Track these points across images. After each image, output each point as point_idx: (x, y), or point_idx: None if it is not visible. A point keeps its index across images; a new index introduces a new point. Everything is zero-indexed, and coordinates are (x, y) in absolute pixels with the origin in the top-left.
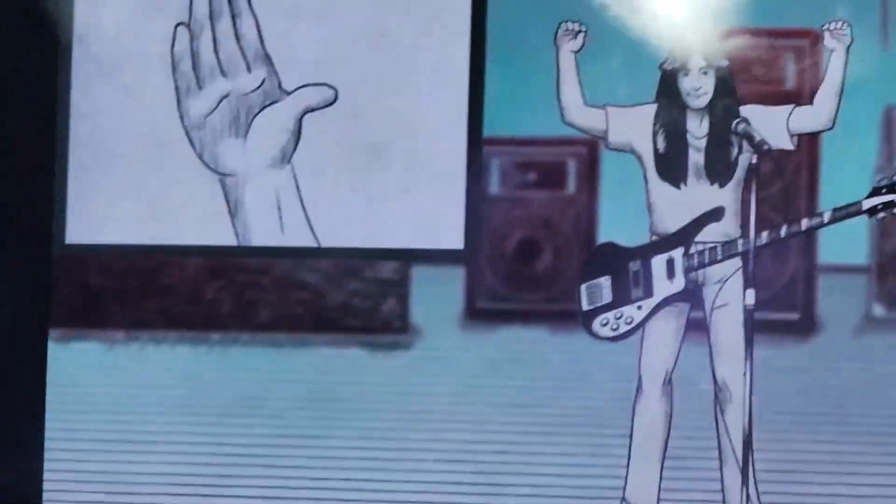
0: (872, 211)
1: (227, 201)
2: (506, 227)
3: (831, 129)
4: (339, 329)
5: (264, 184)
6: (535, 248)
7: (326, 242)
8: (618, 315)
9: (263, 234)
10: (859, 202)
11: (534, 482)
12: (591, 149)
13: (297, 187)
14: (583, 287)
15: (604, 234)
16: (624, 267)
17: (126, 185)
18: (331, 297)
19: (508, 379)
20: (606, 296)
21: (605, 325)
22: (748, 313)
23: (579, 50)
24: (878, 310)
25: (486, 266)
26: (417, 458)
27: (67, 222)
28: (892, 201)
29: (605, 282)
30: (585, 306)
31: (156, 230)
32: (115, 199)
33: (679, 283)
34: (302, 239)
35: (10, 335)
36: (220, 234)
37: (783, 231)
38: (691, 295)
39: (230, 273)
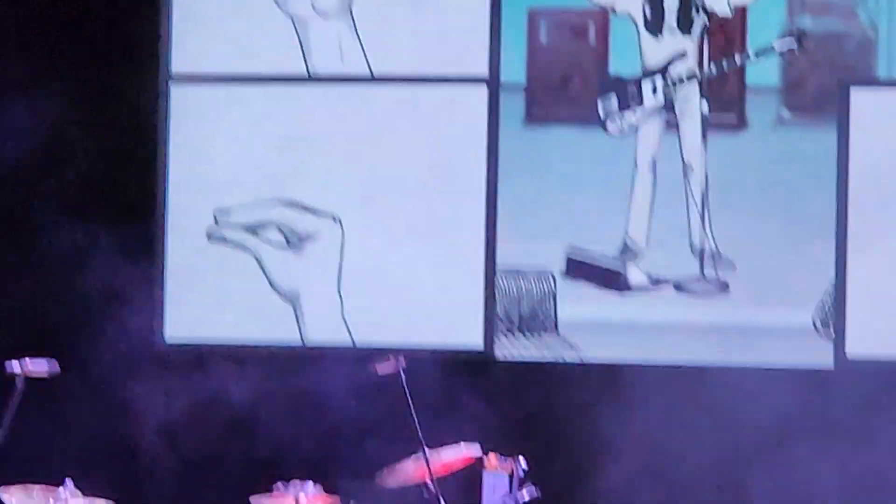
0: (781, 50)
1: (300, 41)
2: (551, 65)
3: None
4: None
5: (329, 26)
6: (569, 78)
7: (379, 73)
8: (622, 118)
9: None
10: (772, 45)
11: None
12: (604, 15)
13: (356, 29)
14: (599, 101)
15: (612, 68)
16: (625, 89)
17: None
18: None
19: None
20: (614, 107)
21: (614, 124)
22: (703, 117)
23: None
24: (786, 114)
25: (539, 90)
26: None
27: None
28: (792, 49)
29: (613, 98)
30: (602, 114)
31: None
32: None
33: (660, 99)
34: (359, 70)
35: None
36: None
37: (725, 65)
38: (668, 106)
39: None
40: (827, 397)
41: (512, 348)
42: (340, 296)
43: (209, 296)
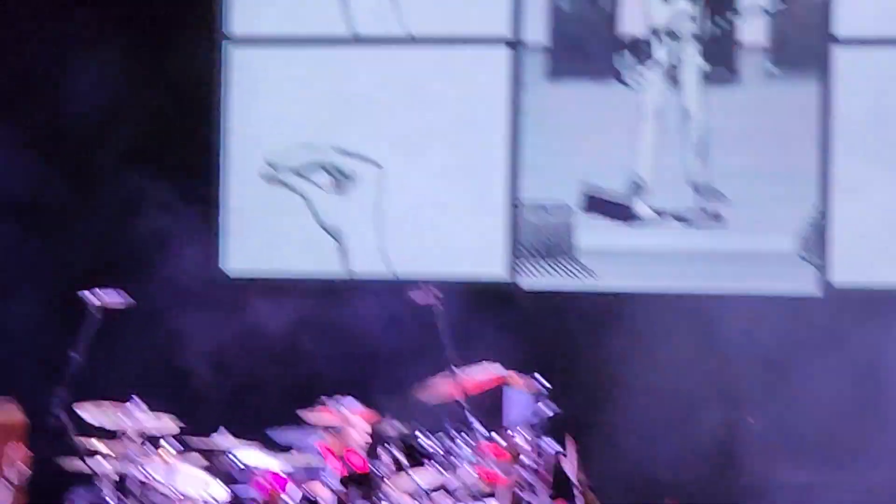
0: None
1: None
2: (571, 26)
3: None
4: None
5: None
6: (587, 38)
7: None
8: (634, 73)
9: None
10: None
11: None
12: None
13: None
14: (614, 58)
15: (625, 28)
16: (637, 47)
17: None
18: None
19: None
20: (628, 63)
21: (630, 80)
22: (701, 71)
23: None
24: (773, 69)
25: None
26: None
27: None
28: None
29: (630, 55)
30: (616, 70)
31: None
32: None
33: (666, 55)
34: (398, 32)
35: None
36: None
37: (721, 24)
38: (672, 61)
39: None
40: (814, 323)
41: (534, 277)
42: (380, 232)
43: (263, 233)
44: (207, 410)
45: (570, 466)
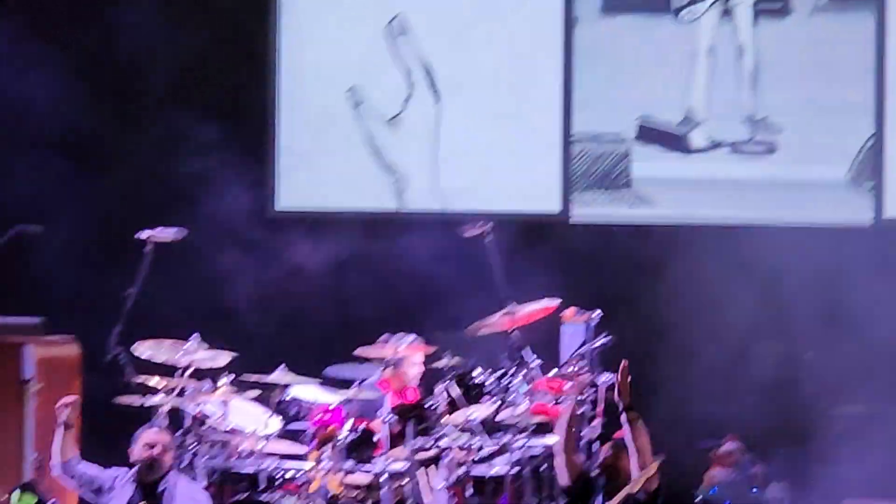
0: None
1: None
2: None
3: None
4: None
5: None
6: None
7: None
8: (690, 8)
9: None
10: None
11: None
12: None
13: None
14: None
15: None
16: None
17: None
18: None
19: None
20: None
21: (684, 13)
22: (754, 5)
23: None
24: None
25: None
26: None
27: None
28: None
29: None
30: (672, 4)
31: None
32: None
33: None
34: None
35: None
36: None
37: None
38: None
39: None
40: (866, 253)
41: (590, 206)
42: (435, 168)
43: (317, 167)
44: (263, 347)
45: (622, 392)
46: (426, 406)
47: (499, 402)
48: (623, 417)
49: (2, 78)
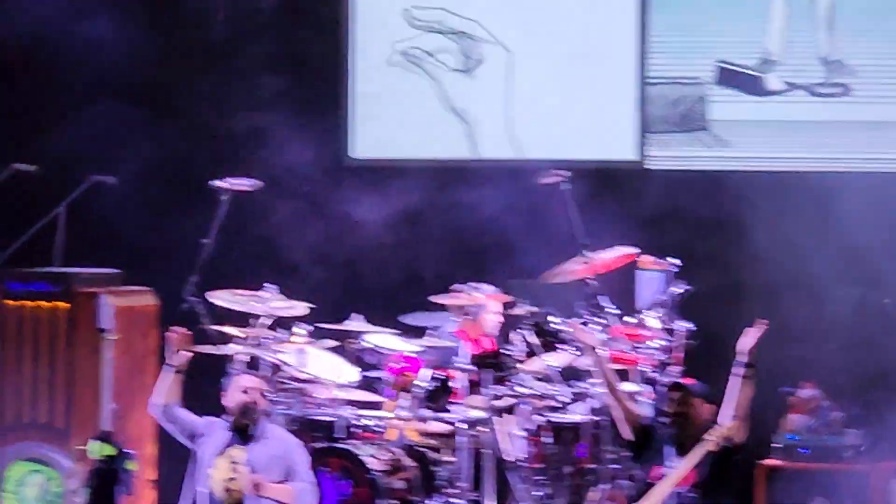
0: None
1: None
2: None
3: None
4: None
5: None
6: None
7: None
8: None
9: None
10: None
11: None
12: None
13: None
14: None
15: None
16: None
17: None
18: None
19: None
20: None
21: None
22: None
23: None
24: None
25: None
26: None
27: None
28: None
29: None
30: None
31: None
32: None
33: None
34: None
35: None
36: None
37: None
38: None
39: None
40: None
41: (667, 150)
42: (509, 115)
43: (392, 116)
44: (337, 297)
45: (750, 342)
46: (503, 354)
47: (576, 350)
48: (741, 370)
49: (72, 27)
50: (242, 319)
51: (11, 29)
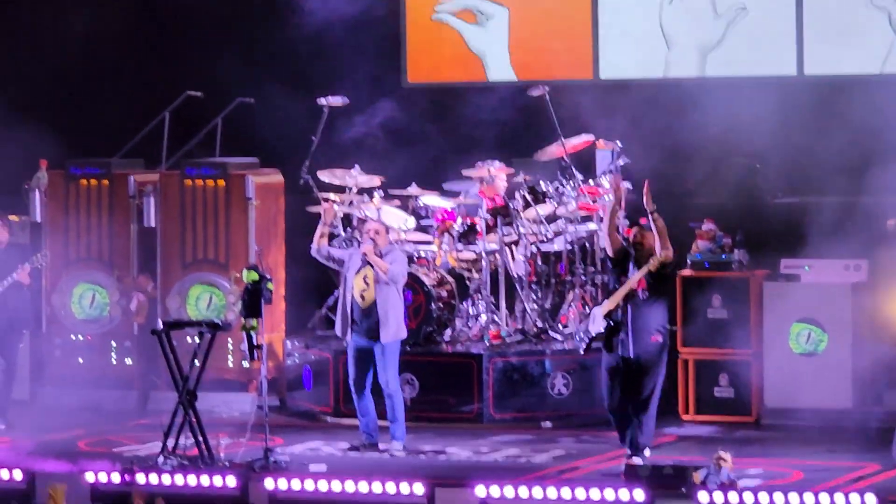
0: None
1: None
2: None
3: None
4: None
5: None
6: None
7: None
8: None
9: None
10: None
11: None
12: None
13: None
14: None
15: None
16: None
17: None
18: None
19: None
20: None
21: None
22: None
23: None
24: None
25: None
26: None
27: None
28: None
29: None
30: None
31: None
32: None
33: None
34: None
35: None
36: None
37: None
38: None
39: None
40: None
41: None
42: (510, 60)
43: (435, 58)
44: (401, 170)
45: (647, 199)
46: (509, 207)
47: (556, 203)
48: (652, 216)
49: None
50: (340, 189)
51: None
